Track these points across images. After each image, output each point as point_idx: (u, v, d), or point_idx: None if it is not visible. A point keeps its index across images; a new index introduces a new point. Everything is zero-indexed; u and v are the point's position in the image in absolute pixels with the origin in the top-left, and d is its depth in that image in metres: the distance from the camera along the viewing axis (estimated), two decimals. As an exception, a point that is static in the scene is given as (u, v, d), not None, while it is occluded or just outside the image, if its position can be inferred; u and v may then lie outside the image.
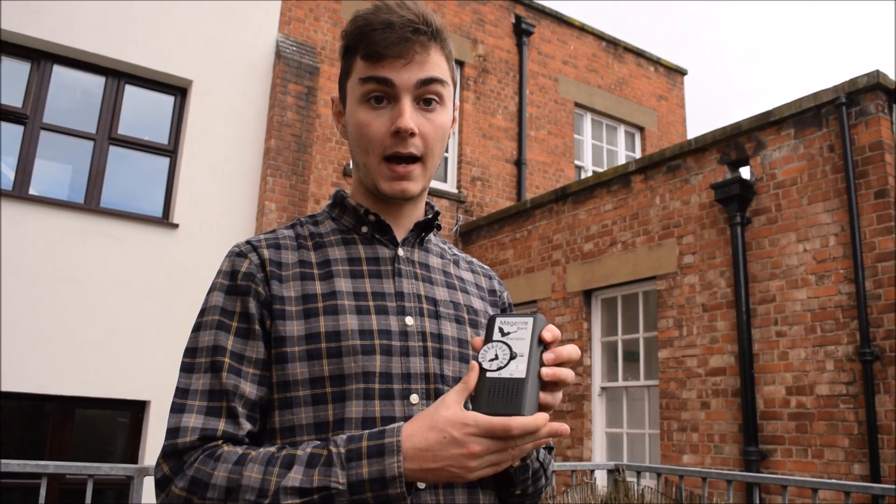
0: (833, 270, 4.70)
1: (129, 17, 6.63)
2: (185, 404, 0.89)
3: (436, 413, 0.80)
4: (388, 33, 0.94)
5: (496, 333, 0.83)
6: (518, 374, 0.79)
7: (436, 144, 0.99)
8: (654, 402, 5.98)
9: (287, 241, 1.02)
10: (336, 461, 0.80)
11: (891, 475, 4.19)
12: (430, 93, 0.98)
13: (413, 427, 0.81)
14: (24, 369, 5.61)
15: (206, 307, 0.96)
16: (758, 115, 5.31)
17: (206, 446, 0.86)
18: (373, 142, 0.97)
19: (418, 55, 0.96)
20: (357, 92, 0.98)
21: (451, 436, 0.78)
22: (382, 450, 0.80)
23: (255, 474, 0.81)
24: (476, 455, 0.78)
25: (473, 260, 1.19)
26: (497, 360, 0.81)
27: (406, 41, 0.95)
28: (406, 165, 0.97)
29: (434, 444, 0.79)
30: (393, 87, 0.96)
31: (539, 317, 0.84)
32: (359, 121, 0.98)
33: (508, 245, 7.58)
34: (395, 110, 0.96)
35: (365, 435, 0.82)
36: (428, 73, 0.97)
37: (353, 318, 0.94)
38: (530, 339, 0.81)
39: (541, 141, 9.47)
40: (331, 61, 7.90)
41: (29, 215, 5.91)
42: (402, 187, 0.98)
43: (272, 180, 6.89)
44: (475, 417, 0.77)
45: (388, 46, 0.94)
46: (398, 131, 0.95)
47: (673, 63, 11.34)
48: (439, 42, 0.99)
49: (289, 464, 0.82)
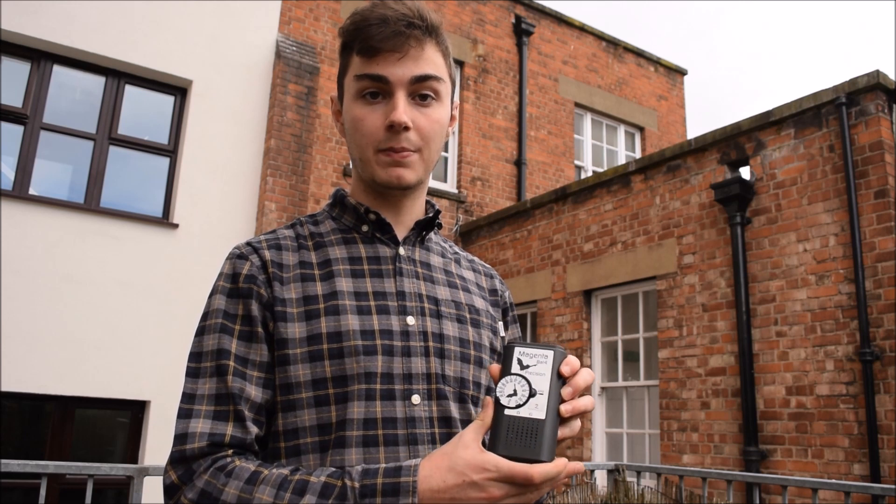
0: (833, 270, 4.70)
1: (129, 17, 6.63)
2: (192, 409, 0.89)
3: (454, 453, 0.78)
4: (383, 27, 0.94)
5: (514, 365, 0.80)
6: (538, 415, 0.77)
7: (432, 138, 0.99)
8: (654, 402, 5.98)
9: (287, 241, 1.01)
10: (350, 495, 0.78)
11: (891, 475, 4.19)
12: (425, 89, 0.97)
13: (430, 467, 0.79)
14: (24, 369, 5.61)
15: (208, 311, 0.95)
16: (758, 115, 5.31)
17: (217, 456, 0.85)
18: (367, 136, 0.97)
19: (413, 49, 0.96)
20: (353, 88, 0.99)
21: (471, 479, 0.76)
22: (398, 489, 0.78)
23: (267, 497, 0.80)
24: (496, 500, 0.76)
25: (475, 259, 1.18)
26: (516, 396, 0.78)
27: (400, 35, 0.95)
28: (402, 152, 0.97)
29: (452, 487, 0.77)
30: (387, 84, 0.96)
31: (558, 349, 0.81)
32: (354, 116, 0.98)
33: (508, 245, 7.58)
34: (389, 105, 0.96)
35: (381, 470, 0.80)
36: (423, 69, 0.96)
37: (354, 319, 0.94)
38: (550, 375, 0.79)
39: (541, 141, 9.47)
40: (331, 61, 7.89)
41: (29, 215, 5.91)
42: (397, 174, 0.98)
43: (272, 180, 6.89)
44: (496, 462, 0.76)
45: (382, 40, 0.94)
46: (392, 125, 0.95)
47: (673, 63, 11.34)
48: (435, 37, 0.99)
49: (301, 490, 0.80)
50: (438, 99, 1.00)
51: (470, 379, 1.00)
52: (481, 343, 1.03)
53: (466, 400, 0.99)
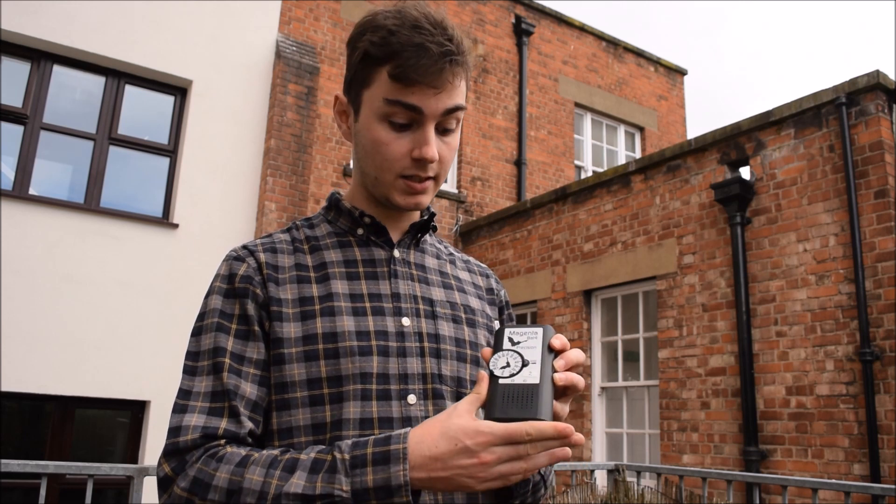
0: (833, 270, 4.70)
1: (129, 17, 6.63)
2: (187, 405, 0.89)
3: (447, 420, 0.78)
4: (424, 59, 0.90)
5: (506, 343, 0.82)
6: (532, 380, 0.78)
7: (449, 164, 1.00)
8: (654, 402, 5.98)
9: (283, 245, 1.02)
10: (340, 468, 0.78)
11: (891, 475, 4.19)
12: (452, 120, 0.97)
13: (422, 433, 0.78)
14: (24, 369, 5.61)
15: (204, 311, 0.96)
16: (758, 115, 5.30)
17: (209, 445, 0.85)
18: (390, 161, 0.96)
19: (449, 84, 0.94)
20: (379, 109, 0.95)
21: (464, 444, 0.76)
22: (388, 457, 0.78)
23: (257, 477, 0.80)
24: (488, 465, 0.76)
25: (470, 259, 1.19)
26: (509, 367, 0.80)
27: (442, 72, 0.91)
28: (423, 182, 0.98)
29: (445, 453, 0.77)
30: (420, 115, 0.94)
31: (547, 326, 0.83)
32: (377, 138, 0.96)
33: (508, 245, 7.58)
34: (417, 135, 0.94)
35: (370, 441, 0.80)
36: (455, 101, 0.95)
37: (349, 320, 0.94)
38: (541, 348, 0.81)
39: (541, 141, 9.47)
40: (331, 61, 7.90)
41: (29, 215, 5.91)
42: (416, 201, 0.99)
43: (272, 180, 6.89)
44: (490, 426, 0.75)
45: (422, 74, 0.91)
46: (422, 159, 0.94)
47: (673, 63, 11.33)
48: (466, 68, 0.97)
49: (291, 468, 0.80)
50: (458, 125, 1.00)
51: (467, 378, 1.00)
52: (477, 342, 1.04)
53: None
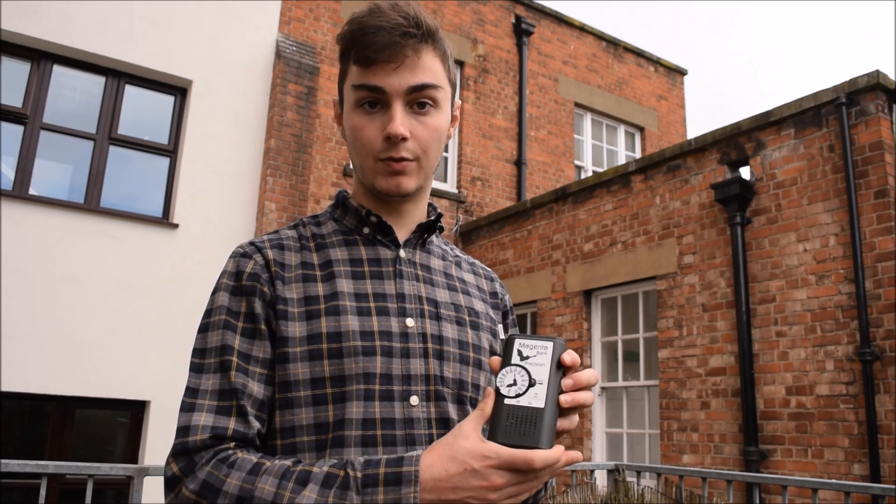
0: (833, 270, 4.70)
1: (129, 17, 6.63)
2: (195, 403, 0.89)
3: (455, 443, 0.79)
4: (378, 37, 0.94)
5: (515, 356, 0.82)
6: (537, 404, 0.78)
7: (430, 146, 0.99)
8: (654, 402, 5.98)
9: (290, 241, 1.02)
10: (352, 485, 0.79)
11: (891, 475, 4.19)
12: (422, 98, 0.97)
13: (432, 457, 0.79)
14: (24, 369, 5.61)
15: (211, 308, 0.96)
16: (758, 115, 5.31)
17: (219, 448, 0.85)
18: (366, 146, 0.98)
19: (409, 59, 0.95)
20: (351, 97, 0.99)
21: (472, 467, 0.77)
22: (400, 478, 0.78)
23: (269, 487, 0.80)
24: (497, 487, 0.77)
25: (475, 262, 1.19)
26: (515, 385, 0.80)
27: (395, 45, 0.94)
28: (401, 161, 0.98)
29: (454, 475, 0.77)
30: (384, 94, 0.96)
31: (558, 341, 0.82)
32: (353, 125, 0.99)
33: (508, 245, 7.58)
34: (386, 116, 0.97)
35: (383, 461, 0.81)
36: (419, 78, 0.96)
37: (354, 319, 0.94)
38: (550, 365, 0.80)
39: (541, 141, 9.47)
40: (331, 61, 7.89)
41: (29, 215, 5.91)
42: (396, 182, 0.98)
43: (272, 180, 6.89)
44: (496, 450, 0.77)
45: (377, 51, 0.94)
46: (389, 137, 0.95)
47: (673, 63, 11.34)
48: (432, 43, 0.98)
49: (304, 481, 0.80)
50: (436, 106, 1.00)
51: (469, 381, 1.00)
52: (480, 345, 1.04)
53: (465, 402, 0.99)
